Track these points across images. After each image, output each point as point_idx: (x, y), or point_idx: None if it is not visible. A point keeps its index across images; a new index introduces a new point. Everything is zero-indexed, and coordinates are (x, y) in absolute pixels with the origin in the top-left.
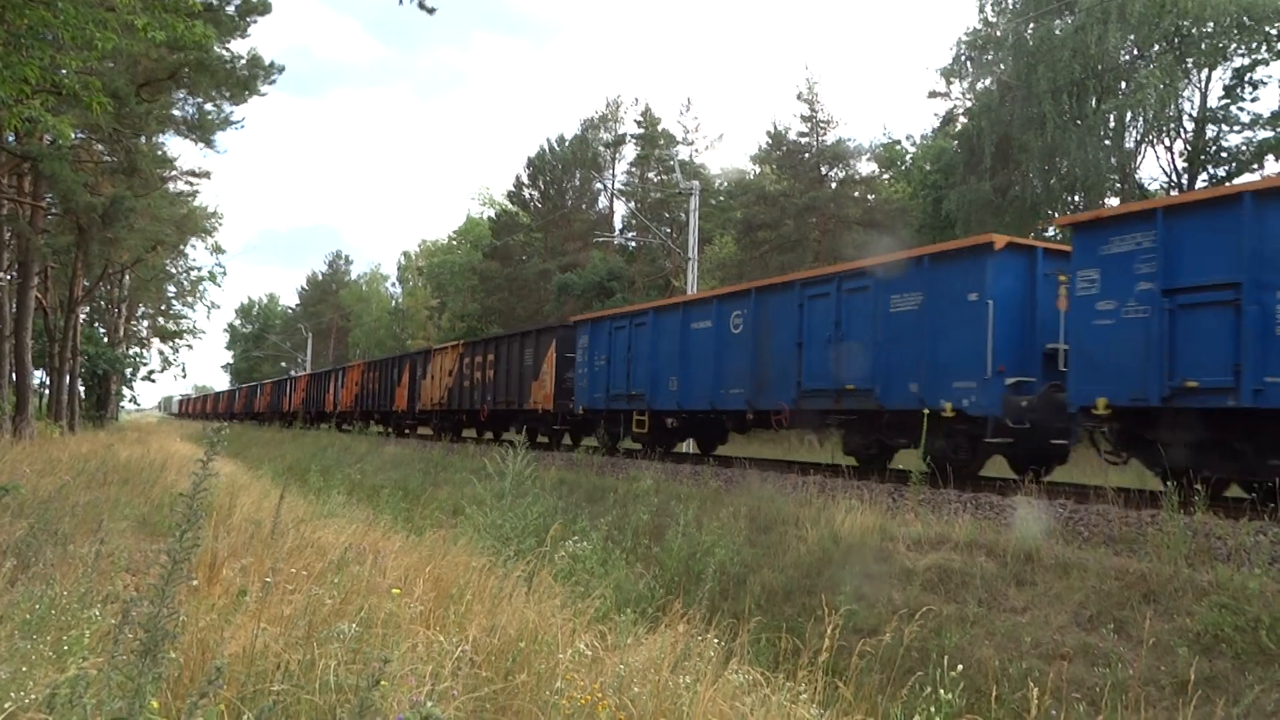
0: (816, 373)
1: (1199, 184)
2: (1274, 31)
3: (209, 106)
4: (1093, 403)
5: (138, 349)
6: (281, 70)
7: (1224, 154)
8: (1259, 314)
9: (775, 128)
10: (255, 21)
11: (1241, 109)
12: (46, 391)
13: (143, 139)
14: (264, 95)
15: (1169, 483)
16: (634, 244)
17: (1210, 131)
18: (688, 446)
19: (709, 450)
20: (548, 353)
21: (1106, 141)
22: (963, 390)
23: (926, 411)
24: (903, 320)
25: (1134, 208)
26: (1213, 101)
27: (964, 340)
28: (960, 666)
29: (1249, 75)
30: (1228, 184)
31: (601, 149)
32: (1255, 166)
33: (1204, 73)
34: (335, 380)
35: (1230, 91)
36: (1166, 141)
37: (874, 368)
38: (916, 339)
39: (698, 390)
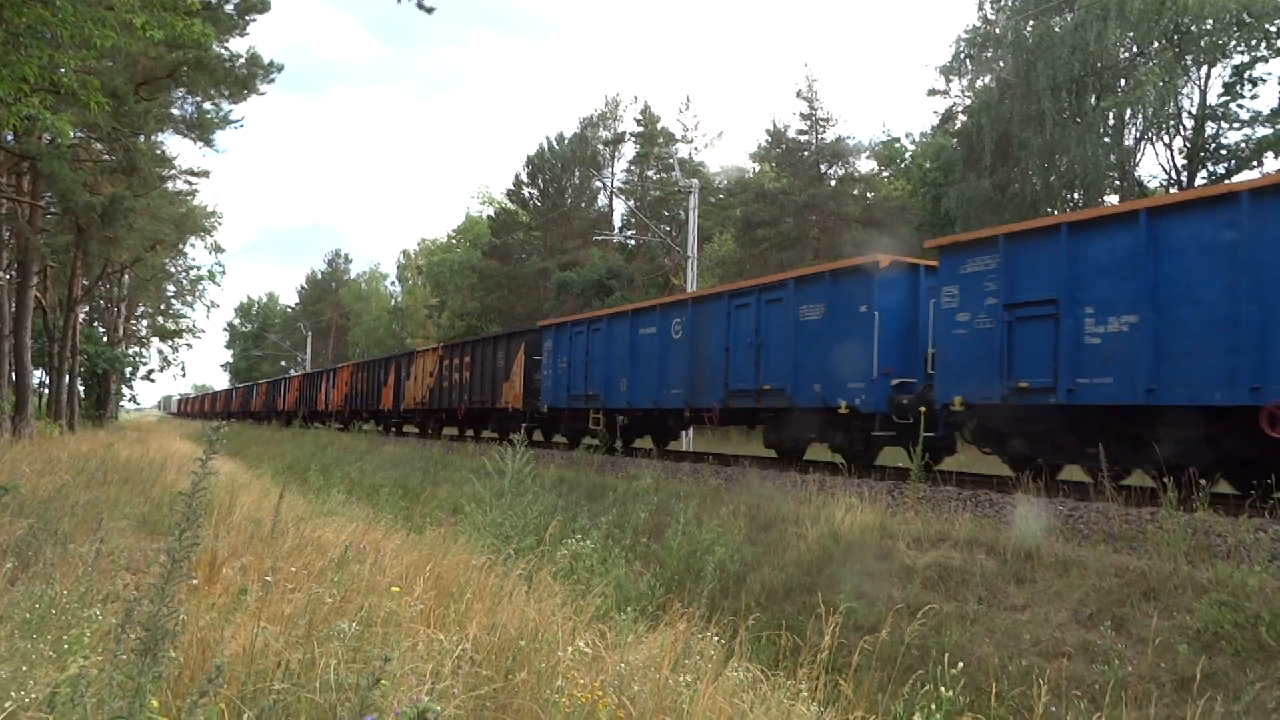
0: (741, 375)
1: (1199, 181)
2: (1273, 29)
3: (208, 105)
4: (951, 400)
5: (137, 348)
6: (281, 69)
7: (1223, 151)
8: (1072, 326)
9: (775, 125)
10: (254, 20)
11: (1241, 106)
12: (46, 391)
13: (142, 138)
14: (263, 94)
15: (1165, 479)
16: (633, 242)
17: (1210, 129)
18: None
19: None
20: (517, 355)
21: (1106, 139)
22: (855, 390)
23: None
24: (810, 328)
25: (983, 234)
26: (1212, 99)
27: (857, 346)
28: (961, 664)
29: (1248, 72)
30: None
31: (601, 147)
32: (1255, 163)
33: (1203, 70)
34: (327, 380)
35: (1229, 89)
36: (1166, 139)
37: (787, 370)
38: (820, 345)
39: (644, 391)
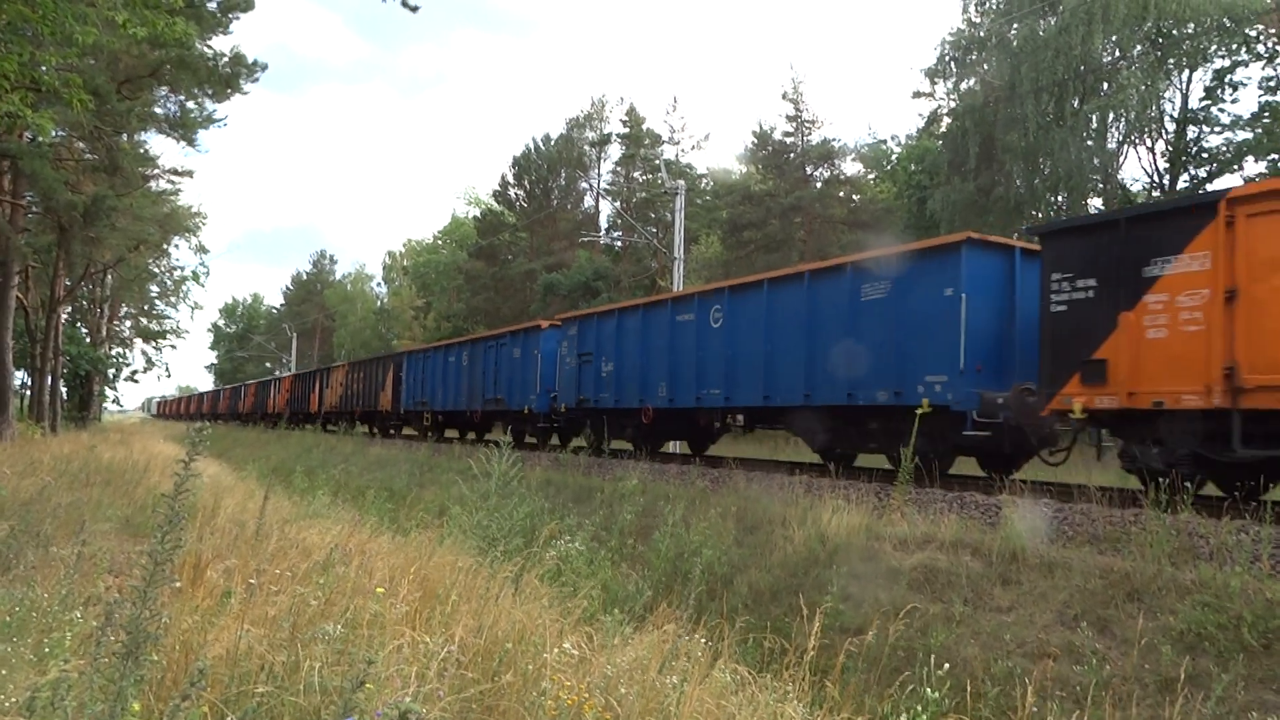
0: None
1: (1180, 185)
2: (1253, 33)
3: (191, 104)
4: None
5: (120, 349)
6: (265, 68)
7: (1204, 155)
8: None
9: (761, 127)
10: (237, 18)
11: (1222, 110)
12: (28, 392)
13: (124, 137)
14: (247, 94)
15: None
16: (620, 244)
17: (1191, 132)
18: (673, 447)
19: (700, 450)
20: (389, 373)
21: (1089, 142)
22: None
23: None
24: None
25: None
26: (1193, 103)
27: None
28: (946, 665)
29: (1229, 77)
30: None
31: (587, 148)
32: (1235, 167)
33: (1185, 74)
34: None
35: (1210, 93)
36: (1148, 142)
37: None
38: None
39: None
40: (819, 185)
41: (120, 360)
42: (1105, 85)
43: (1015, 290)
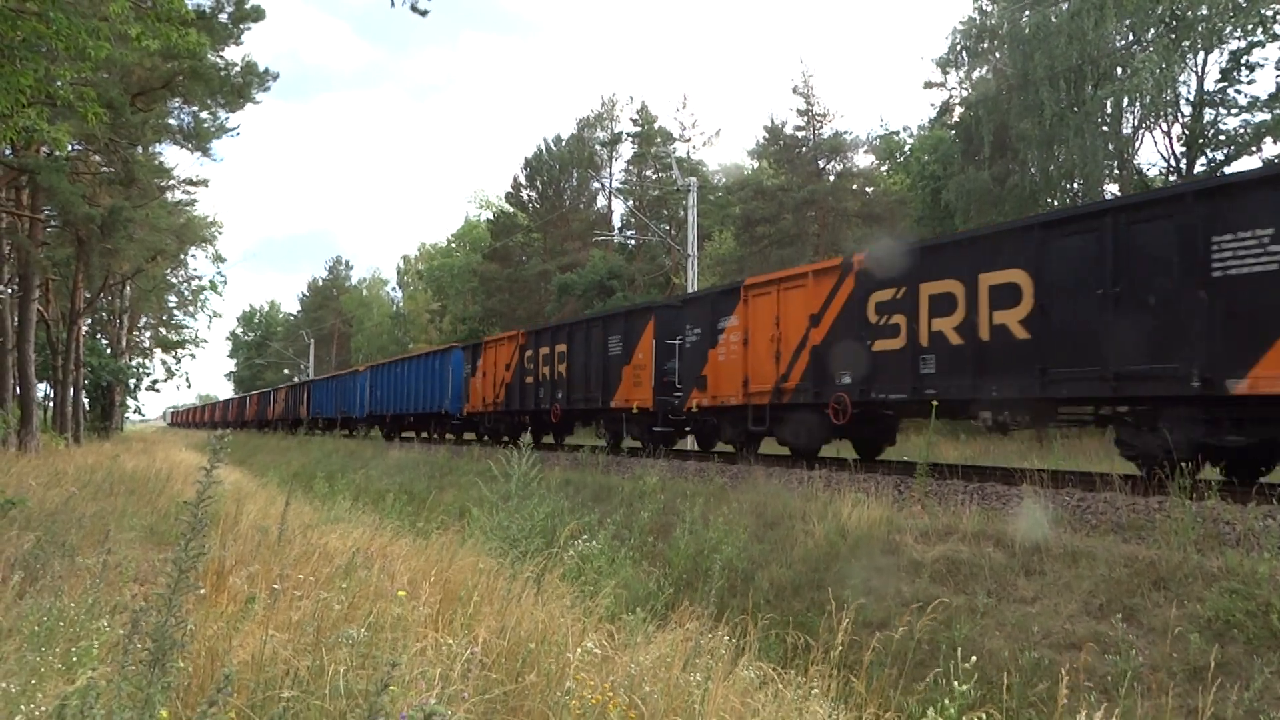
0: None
1: (1198, 169)
2: (1270, 14)
3: (204, 115)
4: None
5: (141, 359)
6: (276, 77)
7: (1222, 137)
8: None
9: (772, 122)
10: (249, 28)
11: (1239, 92)
12: (51, 404)
13: (139, 149)
14: (259, 103)
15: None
16: (633, 242)
17: (1208, 115)
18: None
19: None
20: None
21: (1104, 128)
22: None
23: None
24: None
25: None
26: (1210, 85)
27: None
28: (974, 658)
29: (1245, 58)
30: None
31: (598, 148)
32: (1254, 149)
33: (1200, 56)
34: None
35: (1227, 74)
36: (1164, 126)
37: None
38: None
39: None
40: (832, 178)
41: (140, 370)
42: (1119, 70)
43: None
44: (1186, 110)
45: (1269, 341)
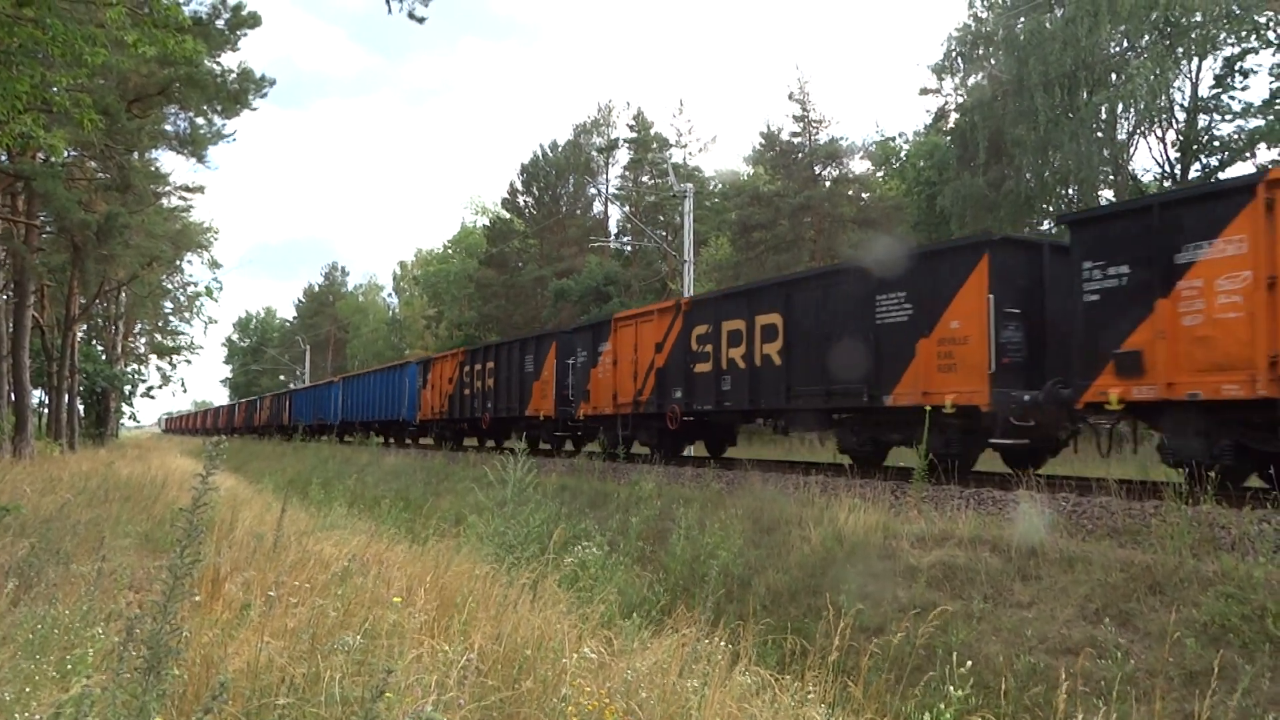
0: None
1: (1192, 174)
2: (1263, 20)
3: (200, 121)
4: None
5: (136, 366)
6: (273, 83)
7: (1216, 143)
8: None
9: (768, 128)
10: (245, 35)
11: (1233, 98)
12: (45, 410)
13: (135, 155)
14: (255, 109)
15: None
16: (630, 248)
17: (1202, 121)
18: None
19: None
20: (269, 400)
21: (1099, 134)
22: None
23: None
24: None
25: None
26: (1204, 91)
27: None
28: (969, 663)
29: (1239, 64)
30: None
31: (594, 154)
32: (1247, 155)
33: (1194, 62)
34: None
35: (1221, 81)
36: (1159, 132)
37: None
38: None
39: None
40: (827, 184)
41: (136, 376)
42: (1114, 76)
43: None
44: (1181, 116)
45: (903, 370)
